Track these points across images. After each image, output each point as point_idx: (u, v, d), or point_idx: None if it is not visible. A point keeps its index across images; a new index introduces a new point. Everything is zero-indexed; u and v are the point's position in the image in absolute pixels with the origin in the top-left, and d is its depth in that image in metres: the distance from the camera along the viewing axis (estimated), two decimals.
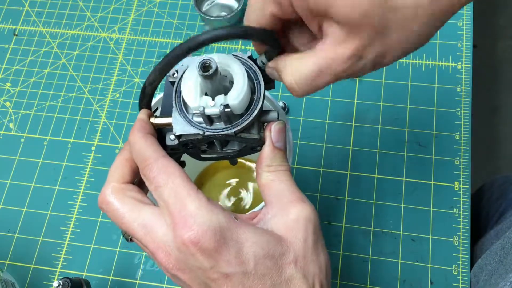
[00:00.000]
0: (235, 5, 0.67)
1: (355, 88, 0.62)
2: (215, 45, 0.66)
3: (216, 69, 0.30)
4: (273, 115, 0.33)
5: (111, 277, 0.55)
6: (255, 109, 0.32)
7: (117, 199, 0.32)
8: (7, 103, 0.66)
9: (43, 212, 0.59)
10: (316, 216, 0.31)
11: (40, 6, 0.72)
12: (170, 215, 0.29)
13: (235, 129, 0.31)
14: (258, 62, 0.34)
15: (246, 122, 0.32)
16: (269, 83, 0.35)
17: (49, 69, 0.67)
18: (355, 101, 0.61)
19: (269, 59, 0.33)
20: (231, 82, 0.32)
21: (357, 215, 0.56)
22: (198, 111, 0.31)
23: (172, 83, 0.34)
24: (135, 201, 0.31)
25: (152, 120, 0.34)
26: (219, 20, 0.64)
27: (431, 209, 0.55)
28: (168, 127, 0.33)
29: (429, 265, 0.53)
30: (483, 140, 1.29)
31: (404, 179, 0.57)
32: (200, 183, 0.57)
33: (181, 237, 0.28)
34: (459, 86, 0.61)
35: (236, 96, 0.31)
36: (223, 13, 0.66)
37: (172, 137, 0.33)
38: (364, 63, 0.30)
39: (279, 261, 0.29)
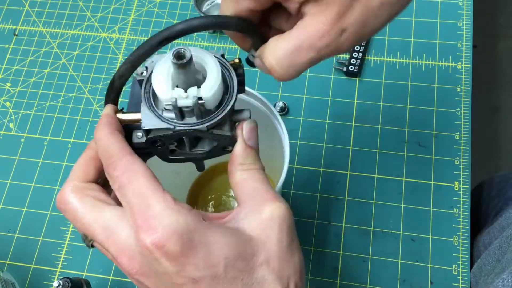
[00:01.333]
0: None
1: (355, 88, 0.62)
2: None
3: (191, 58, 0.29)
4: (246, 114, 0.32)
5: (111, 277, 0.55)
6: (228, 104, 0.31)
7: (77, 199, 0.29)
8: (7, 103, 0.66)
9: (43, 212, 0.59)
10: (290, 215, 0.30)
11: (40, 6, 0.72)
12: (133, 216, 0.27)
13: (207, 124, 0.30)
14: (249, 57, 0.34)
15: (219, 117, 0.30)
16: (241, 86, 0.34)
17: (49, 69, 0.67)
18: (355, 101, 0.61)
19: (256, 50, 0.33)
20: (204, 77, 0.31)
21: (357, 215, 0.56)
22: (170, 103, 0.29)
23: (140, 82, 0.32)
24: (96, 201, 0.29)
25: (119, 115, 0.32)
26: None
27: (431, 209, 0.55)
28: (136, 124, 0.32)
29: (429, 265, 0.53)
30: (483, 140, 1.29)
31: (404, 179, 0.57)
32: (197, 189, 0.57)
33: (144, 240, 0.26)
34: (459, 86, 0.61)
35: (210, 88, 0.30)
36: None
37: (140, 134, 0.31)
38: (346, 36, 0.29)
39: (250, 262, 0.27)
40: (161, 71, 0.30)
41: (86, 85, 0.66)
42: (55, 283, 0.47)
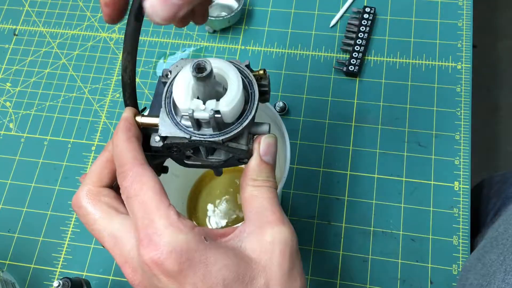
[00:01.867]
0: (235, 5, 0.67)
1: (355, 88, 0.62)
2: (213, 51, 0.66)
3: (211, 71, 0.29)
4: (265, 128, 0.32)
5: (111, 277, 0.55)
6: (247, 118, 0.31)
7: (91, 204, 0.30)
8: (7, 103, 0.66)
9: (43, 212, 0.59)
10: (294, 239, 0.29)
11: (40, 6, 0.72)
12: (137, 230, 0.27)
13: (223, 137, 0.30)
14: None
15: (235, 131, 0.30)
16: (264, 95, 0.34)
17: (49, 69, 0.67)
18: (355, 101, 0.61)
19: None
20: (225, 89, 0.31)
21: (357, 215, 0.56)
22: (187, 114, 0.30)
23: (165, 83, 0.33)
24: (108, 208, 0.30)
25: (138, 119, 0.32)
26: (219, 20, 0.64)
27: (431, 209, 0.55)
28: (155, 128, 0.32)
29: (429, 265, 0.53)
30: (483, 140, 1.29)
31: (404, 179, 0.57)
32: (198, 190, 0.57)
33: (144, 256, 0.26)
34: (459, 86, 0.61)
35: (229, 103, 0.29)
36: (223, 13, 0.66)
37: (157, 138, 0.31)
38: None
39: (249, 286, 0.27)
40: (182, 80, 0.31)
41: (86, 85, 0.66)
42: (55, 283, 0.47)
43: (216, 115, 0.29)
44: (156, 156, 0.32)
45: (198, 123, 0.30)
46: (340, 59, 0.63)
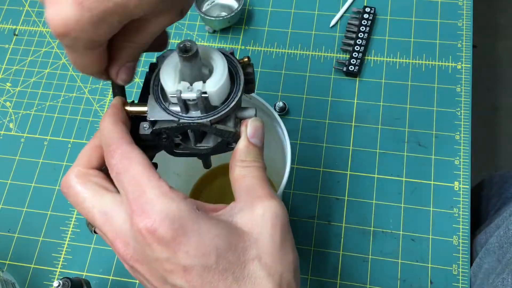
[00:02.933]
0: (235, 5, 0.67)
1: (355, 88, 0.62)
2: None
3: (197, 51, 0.29)
4: (251, 112, 0.33)
5: (111, 277, 0.55)
6: (233, 100, 0.32)
7: (80, 183, 0.30)
8: (7, 103, 0.66)
9: (43, 212, 0.59)
10: (284, 213, 0.30)
11: (40, 6, 0.72)
12: (129, 202, 0.27)
13: (211, 118, 0.31)
14: None
15: (223, 112, 0.31)
16: (250, 84, 0.34)
17: (49, 69, 0.67)
18: (355, 101, 0.61)
19: None
20: (211, 71, 0.31)
21: (357, 215, 0.56)
22: (175, 95, 0.30)
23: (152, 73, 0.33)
24: (98, 186, 0.30)
25: (127, 107, 0.33)
26: (219, 20, 0.64)
27: (431, 209, 0.55)
28: (144, 115, 0.32)
29: (429, 265, 0.53)
30: (483, 140, 1.29)
31: (404, 179, 0.57)
32: (199, 190, 0.57)
33: (137, 225, 0.26)
34: (459, 86, 0.61)
35: (215, 84, 0.30)
36: (223, 13, 0.66)
37: (146, 125, 0.32)
38: None
39: (241, 257, 0.27)
40: (169, 65, 0.31)
41: (86, 85, 0.66)
42: (55, 283, 0.47)
43: (203, 95, 0.30)
44: (146, 148, 0.32)
45: (186, 106, 0.31)
46: (340, 59, 0.63)
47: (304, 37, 0.66)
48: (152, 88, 0.32)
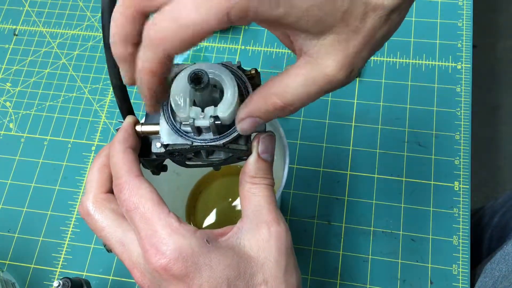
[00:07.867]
0: None
1: (355, 88, 0.62)
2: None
3: (208, 81, 0.29)
4: (261, 126, 0.33)
5: (111, 277, 0.55)
6: None
7: (98, 212, 0.31)
8: (7, 103, 0.66)
9: (43, 212, 0.59)
10: (289, 237, 0.32)
11: (40, 6, 0.72)
12: (141, 241, 0.29)
13: (224, 141, 0.31)
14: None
15: (235, 134, 0.31)
16: None
17: (49, 69, 0.67)
18: (355, 101, 0.61)
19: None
20: (221, 92, 0.31)
21: (357, 215, 0.56)
22: (188, 122, 0.30)
23: None
24: (115, 215, 0.31)
25: (138, 128, 0.33)
26: None
27: (431, 209, 0.55)
28: (155, 134, 0.33)
29: (429, 265, 0.53)
30: (483, 140, 1.29)
31: (404, 179, 0.57)
32: (198, 190, 0.57)
33: (153, 264, 0.28)
34: (459, 86, 0.61)
35: (226, 108, 0.30)
36: None
37: (158, 144, 0.32)
38: (353, 74, 0.28)
39: (249, 282, 0.29)
40: (179, 88, 0.31)
41: (86, 85, 0.66)
42: (55, 283, 0.47)
43: (216, 122, 0.30)
44: (157, 158, 0.33)
45: (198, 130, 0.31)
46: None
47: None
48: (162, 107, 0.32)
